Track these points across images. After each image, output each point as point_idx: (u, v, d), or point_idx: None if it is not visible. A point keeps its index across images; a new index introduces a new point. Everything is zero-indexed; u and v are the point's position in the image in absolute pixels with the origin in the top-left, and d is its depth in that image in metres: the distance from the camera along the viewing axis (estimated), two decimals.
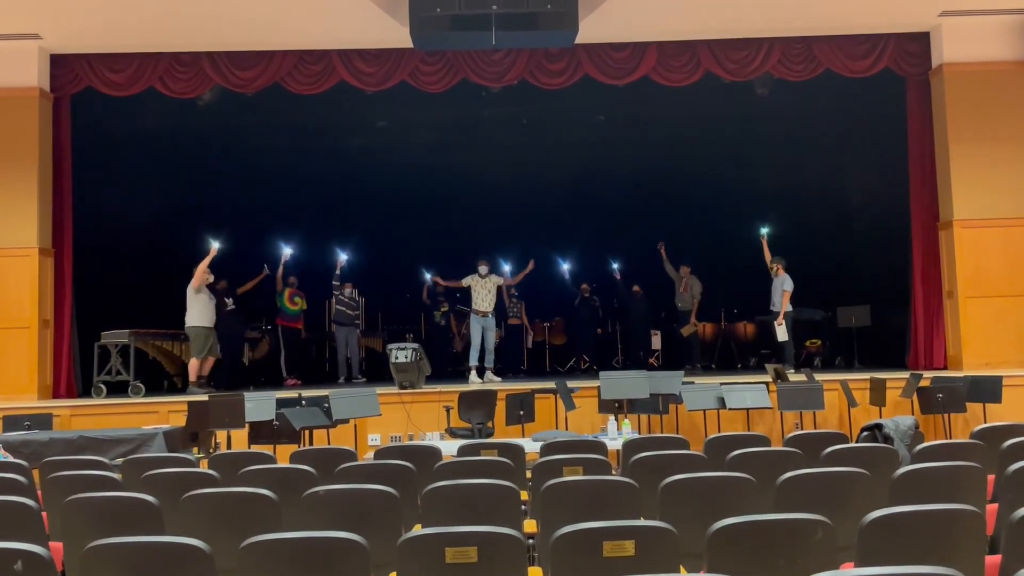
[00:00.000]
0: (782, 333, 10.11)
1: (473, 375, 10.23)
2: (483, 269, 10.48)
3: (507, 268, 11.85)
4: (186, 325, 9.75)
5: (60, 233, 9.63)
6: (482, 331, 10.36)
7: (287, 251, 11.34)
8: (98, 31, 9.17)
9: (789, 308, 10.17)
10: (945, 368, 9.58)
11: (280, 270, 11.24)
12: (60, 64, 9.65)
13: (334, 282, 11.54)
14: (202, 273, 9.69)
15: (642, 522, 2.87)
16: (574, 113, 11.67)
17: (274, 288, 11.32)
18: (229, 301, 10.80)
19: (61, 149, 9.72)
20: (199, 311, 9.71)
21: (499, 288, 10.77)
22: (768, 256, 10.57)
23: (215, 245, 9.73)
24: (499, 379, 10.31)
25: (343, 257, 11.67)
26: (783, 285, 10.19)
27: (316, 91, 9.84)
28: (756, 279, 11.01)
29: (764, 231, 10.85)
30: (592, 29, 9.04)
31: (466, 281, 10.52)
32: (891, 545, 2.70)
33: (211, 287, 10.01)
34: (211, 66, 9.65)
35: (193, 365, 9.70)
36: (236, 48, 9.62)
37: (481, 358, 10.37)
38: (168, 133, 11.31)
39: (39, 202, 9.32)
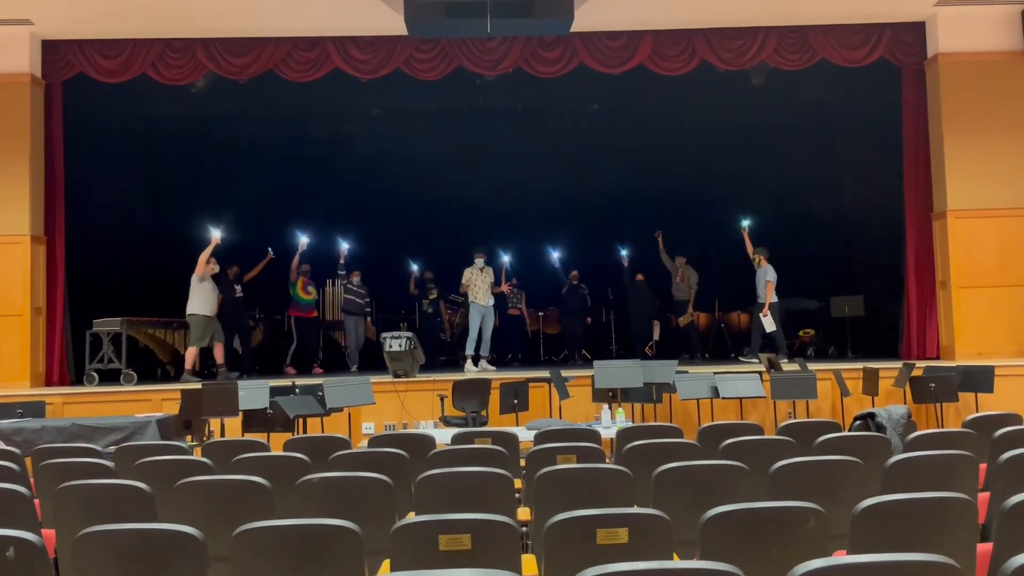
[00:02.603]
0: (769, 324, 10.15)
1: (469, 364, 10.23)
2: (480, 261, 10.43)
3: (505, 258, 11.74)
4: (187, 313, 9.70)
5: (52, 220, 9.58)
6: (481, 320, 10.35)
7: (303, 240, 11.07)
8: (90, 17, 9.10)
9: (774, 298, 10.19)
10: (938, 358, 9.62)
11: (296, 260, 10.99)
12: (52, 50, 9.58)
13: (339, 272, 11.32)
14: (204, 262, 9.64)
15: (636, 510, 2.87)
16: (569, 102, 11.63)
17: (280, 275, 11.05)
18: (238, 288, 10.74)
19: (53, 136, 9.66)
20: (200, 299, 9.67)
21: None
22: (750, 248, 10.60)
23: (216, 234, 9.67)
24: (493, 368, 10.31)
25: (344, 246, 11.46)
26: (767, 275, 10.19)
27: (310, 79, 9.79)
28: (751, 269, 11.00)
29: (745, 223, 10.86)
30: (587, 17, 9.00)
31: (466, 278, 10.44)
32: (883, 533, 2.71)
33: (220, 275, 9.95)
34: (204, 53, 9.59)
35: (190, 353, 9.69)
36: (229, 35, 9.57)
37: (477, 347, 10.37)
38: (161, 120, 11.24)
39: (31, 189, 9.27)
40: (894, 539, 2.67)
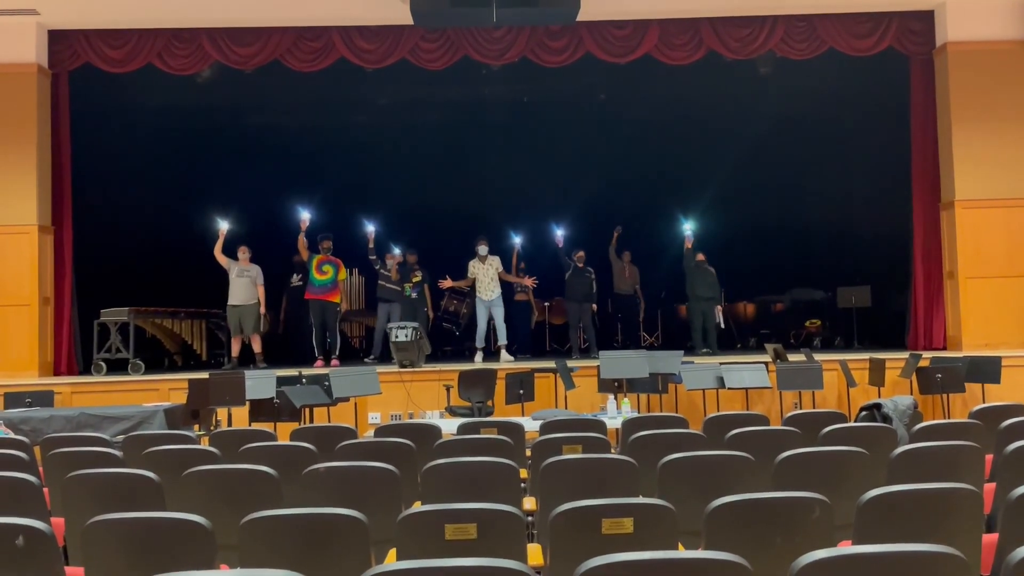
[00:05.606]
0: (720, 317, 10.72)
1: (479, 356, 10.15)
2: (482, 249, 10.25)
3: (517, 240, 11.44)
4: None
5: (59, 210, 9.61)
6: (488, 313, 10.30)
7: (304, 216, 10.17)
8: (96, 6, 9.09)
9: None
10: (944, 348, 9.59)
11: (301, 238, 10.21)
12: (58, 40, 9.58)
13: (370, 256, 10.61)
14: (217, 257, 9.74)
15: (641, 500, 2.88)
16: (576, 91, 11.58)
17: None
18: (296, 277, 10.62)
19: (60, 126, 9.68)
20: (230, 291, 9.78)
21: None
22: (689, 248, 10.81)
23: (223, 226, 9.63)
24: (512, 358, 10.03)
25: (371, 228, 10.59)
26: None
27: (316, 68, 9.77)
28: (753, 259, 10.99)
29: (689, 230, 10.87)
30: (594, 6, 8.96)
31: (470, 272, 10.32)
32: (889, 523, 2.71)
33: (286, 265, 9.97)
34: (210, 42, 9.58)
35: (243, 341, 9.82)
36: (235, 24, 9.55)
37: (490, 339, 10.31)
38: (167, 110, 11.23)
39: (38, 179, 9.29)
40: (899, 530, 2.67)
